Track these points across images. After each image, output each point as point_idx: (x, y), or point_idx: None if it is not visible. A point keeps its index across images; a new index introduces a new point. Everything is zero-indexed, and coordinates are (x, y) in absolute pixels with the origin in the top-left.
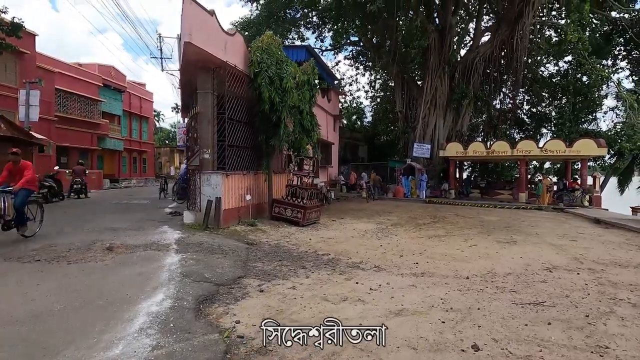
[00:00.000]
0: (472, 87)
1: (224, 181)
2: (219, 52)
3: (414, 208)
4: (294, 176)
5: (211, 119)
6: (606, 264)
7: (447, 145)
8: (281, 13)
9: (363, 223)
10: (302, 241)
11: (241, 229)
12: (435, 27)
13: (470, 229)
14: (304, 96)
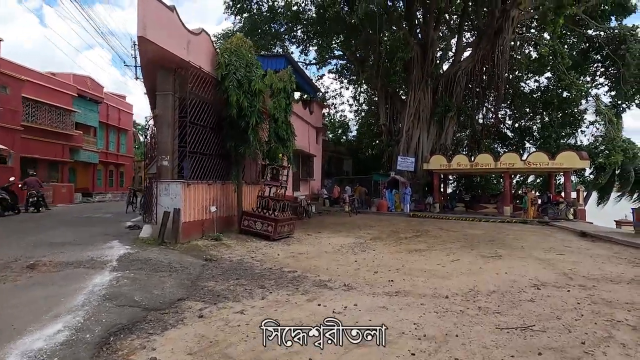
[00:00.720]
0: (455, 100)
1: (184, 191)
2: (180, 50)
3: (397, 222)
4: (266, 187)
5: (171, 122)
6: (597, 279)
7: (431, 158)
8: (265, 27)
9: (341, 237)
10: (269, 257)
11: (203, 244)
12: (417, 41)
13: (453, 243)
14: (280, 104)
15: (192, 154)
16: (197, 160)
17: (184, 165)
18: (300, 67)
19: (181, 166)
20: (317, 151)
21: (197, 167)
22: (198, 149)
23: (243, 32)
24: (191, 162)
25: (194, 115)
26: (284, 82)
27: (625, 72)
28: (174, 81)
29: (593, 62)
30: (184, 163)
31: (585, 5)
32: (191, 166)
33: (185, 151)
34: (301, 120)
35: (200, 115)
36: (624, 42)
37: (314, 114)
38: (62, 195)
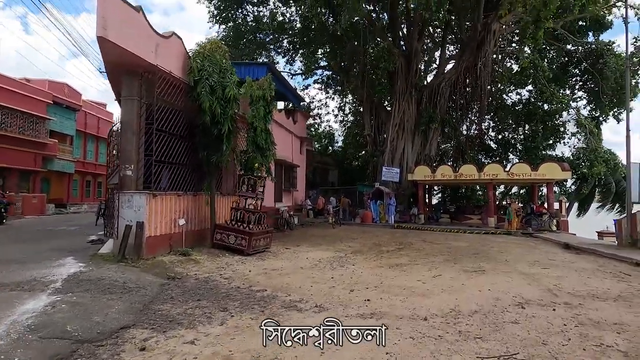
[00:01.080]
0: (439, 111)
1: (149, 203)
2: (147, 54)
3: (381, 234)
4: (241, 198)
5: (136, 129)
6: (583, 296)
7: (415, 169)
8: (250, 36)
9: (320, 251)
10: (240, 274)
11: (170, 260)
12: (401, 52)
13: (436, 257)
14: (259, 112)
15: (159, 163)
16: (166, 170)
17: (161, 175)
18: (282, 76)
19: (159, 177)
20: (301, 161)
21: (167, 177)
22: (167, 158)
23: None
24: (158, 171)
25: (162, 123)
26: (263, 90)
27: (604, 85)
28: (140, 86)
29: (572, 76)
30: (162, 174)
31: (564, 21)
32: (156, 176)
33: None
34: (284, 129)
35: (171, 122)
36: (601, 56)
37: (297, 124)
38: (33, 206)
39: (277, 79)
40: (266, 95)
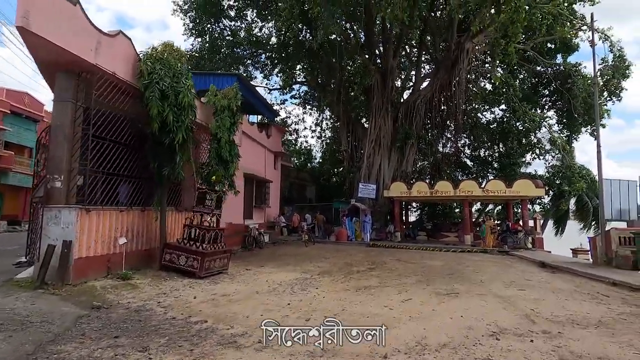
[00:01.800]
0: (415, 128)
1: (81, 219)
2: (84, 51)
3: (355, 252)
4: (195, 214)
5: (69, 135)
6: (562, 322)
7: (392, 185)
8: (227, 50)
9: (285, 272)
10: (182, 301)
11: (103, 285)
12: (378, 68)
13: (408, 277)
14: (223, 123)
15: (96, 174)
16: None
17: (120, 189)
18: (255, 89)
19: (117, 191)
20: (275, 177)
21: (105, 190)
22: (110, 169)
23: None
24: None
25: (105, 130)
26: (228, 100)
27: (575, 103)
28: (76, 87)
29: (542, 96)
30: (120, 187)
31: (534, 42)
32: (89, 188)
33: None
34: (256, 143)
35: (116, 130)
36: (569, 77)
37: (272, 138)
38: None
39: (249, 91)
40: (232, 105)
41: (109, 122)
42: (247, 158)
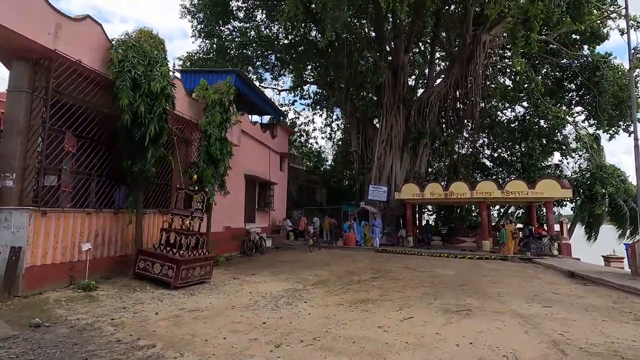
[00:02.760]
0: (429, 127)
1: (34, 222)
2: (40, 35)
3: (361, 258)
4: (175, 217)
5: (24, 129)
6: (602, 354)
7: (403, 187)
8: (236, 52)
9: (276, 282)
10: (140, 318)
11: (58, 297)
12: (388, 64)
13: (414, 289)
14: (214, 119)
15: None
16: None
17: (116, 194)
18: (256, 86)
19: (113, 194)
20: (281, 179)
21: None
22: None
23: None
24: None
25: (66, 123)
26: (219, 94)
27: (601, 99)
28: (33, 75)
29: (568, 91)
30: (118, 191)
31: (557, 33)
32: (47, 188)
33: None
34: (259, 143)
35: (80, 123)
36: (597, 69)
37: (277, 139)
38: None
39: (251, 89)
40: (223, 100)
41: (74, 115)
42: (248, 158)
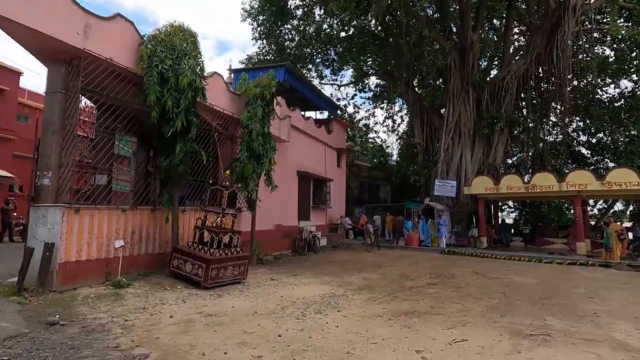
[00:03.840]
0: (505, 111)
1: (67, 219)
2: (68, 35)
3: (422, 260)
4: (207, 213)
5: (59, 128)
6: None
7: (473, 181)
8: (296, 51)
9: (315, 285)
10: (151, 321)
11: (87, 294)
12: (454, 44)
13: (477, 301)
14: (255, 113)
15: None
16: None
17: (182, 194)
18: (308, 80)
19: (181, 196)
20: (338, 175)
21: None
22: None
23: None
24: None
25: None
26: (260, 88)
27: None
28: (65, 76)
29: None
30: (183, 191)
31: None
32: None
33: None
34: (313, 139)
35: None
36: None
37: (334, 134)
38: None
39: (303, 84)
40: (265, 94)
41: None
42: (301, 154)
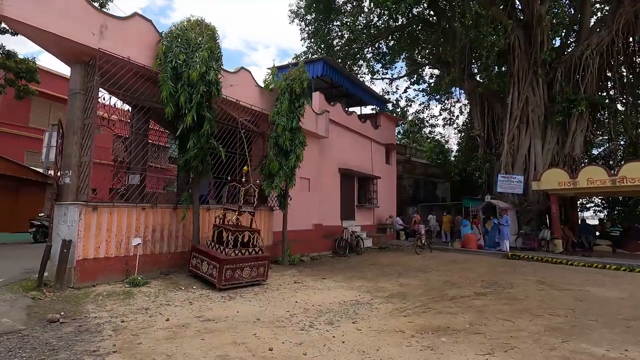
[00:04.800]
0: (585, 92)
1: (85, 217)
2: (84, 36)
3: (477, 266)
4: (225, 212)
5: (79, 128)
6: None
7: (543, 174)
8: (347, 47)
9: (341, 290)
10: (144, 325)
11: (100, 292)
12: (517, 21)
13: (534, 319)
14: (282, 107)
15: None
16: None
17: (222, 192)
18: (349, 73)
19: (203, 194)
20: (388, 172)
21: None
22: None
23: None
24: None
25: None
26: (289, 81)
27: None
28: (84, 77)
29: None
30: (205, 189)
31: None
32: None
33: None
34: (358, 135)
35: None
36: None
37: (381, 129)
38: None
39: (345, 77)
40: (294, 87)
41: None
42: (342, 151)
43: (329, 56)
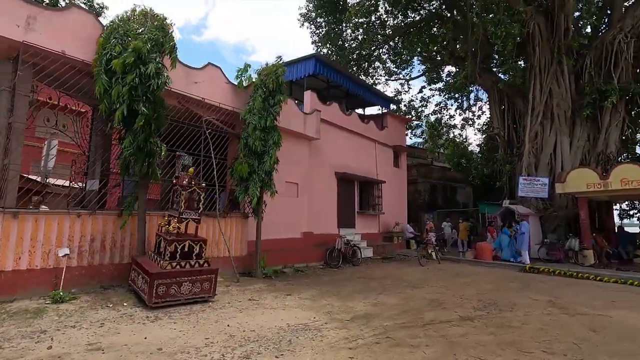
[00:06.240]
0: (619, 82)
1: (2, 225)
2: (5, 29)
3: (481, 281)
4: (170, 218)
5: (3, 128)
6: None
7: (568, 175)
8: (358, 50)
9: (298, 310)
10: (20, 353)
11: (13, 308)
12: (537, 7)
13: (521, 356)
14: (254, 104)
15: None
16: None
17: (219, 197)
18: (348, 72)
19: (215, 199)
20: (395, 176)
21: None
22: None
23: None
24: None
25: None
26: (262, 77)
27: None
28: (11, 73)
29: None
30: (219, 195)
31: None
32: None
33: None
34: (358, 136)
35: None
36: None
37: (387, 130)
38: None
39: (341, 75)
40: (268, 83)
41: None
42: (340, 153)
43: (340, 58)
